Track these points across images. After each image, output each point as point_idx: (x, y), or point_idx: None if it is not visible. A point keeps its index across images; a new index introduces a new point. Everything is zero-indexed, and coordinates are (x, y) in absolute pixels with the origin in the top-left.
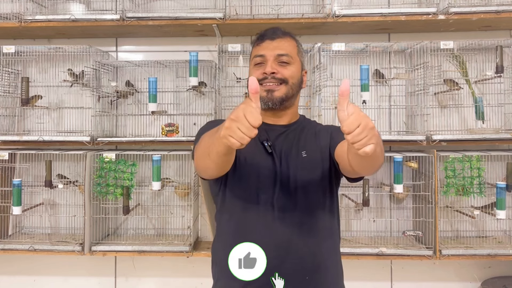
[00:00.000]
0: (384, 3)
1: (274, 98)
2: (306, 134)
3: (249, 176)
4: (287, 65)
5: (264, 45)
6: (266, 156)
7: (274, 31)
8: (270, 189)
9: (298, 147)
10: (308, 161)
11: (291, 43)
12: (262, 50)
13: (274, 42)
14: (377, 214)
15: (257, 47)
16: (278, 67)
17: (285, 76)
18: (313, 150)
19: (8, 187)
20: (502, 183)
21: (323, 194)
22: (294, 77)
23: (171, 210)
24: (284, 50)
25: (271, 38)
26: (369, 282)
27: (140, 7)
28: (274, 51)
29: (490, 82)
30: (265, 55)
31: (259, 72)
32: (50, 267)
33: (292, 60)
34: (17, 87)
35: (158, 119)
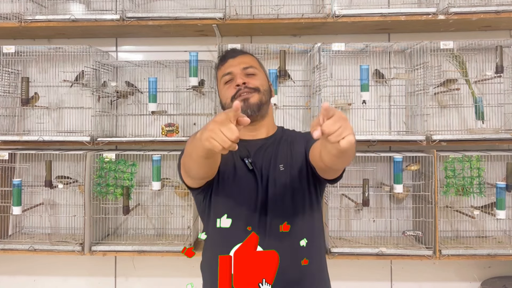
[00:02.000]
0: (384, 3)
1: (250, 104)
2: (283, 146)
3: (231, 194)
4: (254, 76)
5: (228, 63)
6: (247, 173)
7: (234, 50)
8: (253, 206)
9: (276, 161)
10: (285, 174)
11: (252, 58)
12: (228, 68)
13: (236, 59)
14: (377, 214)
15: (222, 68)
16: (247, 79)
17: (256, 85)
18: (289, 162)
19: (8, 187)
20: (502, 183)
21: (303, 205)
22: (264, 84)
23: (171, 210)
24: (247, 63)
25: (232, 56)
26: (369, 282)
27: (140, 7)
28: (239, 65)
29: (490, 82)
30: (232, 71)
31: (231, 88)
32: (50, 267)
33: (257, 71)
34: (17, 87)
35: (158, 119)
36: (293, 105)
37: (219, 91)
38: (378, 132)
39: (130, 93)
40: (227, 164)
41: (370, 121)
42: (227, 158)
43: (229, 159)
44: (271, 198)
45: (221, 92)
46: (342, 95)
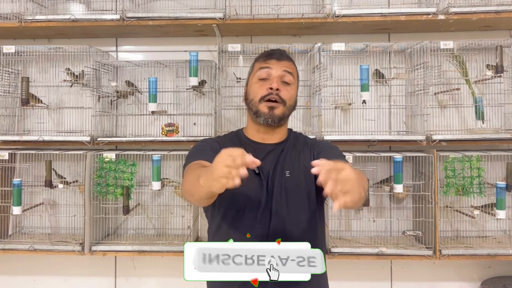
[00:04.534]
0: (384, 3)
1: (274, 115)
2: (291, 153)
3: (237, 196)
4: (289, 86)
5: (271, 62)
6: (253, 177)
7: (281, 53)
8: (257, 209)
9: (283, 167)
10: (291, 181)
11: (294, 67)
12: (269, 65)
13: (280, 63)
14: (377, 214)
15: (263, 62)
16: (282, 86)
17: (285, 98)
18: (296, 170)
19: (8, 187)
20: (502, 183)
21: (307, 212)
22: (291, 99)
23: (171, 210)
24: (289, 69)
25: (278, 58)
26: (369, 282)
27: (140, 7)
28: (281, 69)
29: (490, 82)
30: (272, 70)
31: (264, 88)
32: (50, 267)
33: (293, 81)
34: (17, 87)
35: (158, 119)
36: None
37: (250, 84)
38: (378, 132)
39: (130, 93)
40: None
41: (370, 121)
42: None
43: None
44: (275, 205)
45: (252, 86)
46: (342, 95)
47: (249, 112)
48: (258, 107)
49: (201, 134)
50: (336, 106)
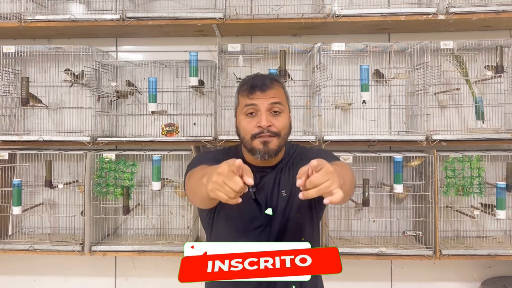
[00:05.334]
0: (384, 3)
1: (270, 150)
2: (287, 171)
3: (233, 220)
4: (279, 115)
5: (256, 95)
6: (250, 202)
7: (263, 81)
8: (253, 235)
9: (279, 187)
10: (287, 200)
11: (280, 91)
12: (254, 100)
13: (265, 94)
14: (377, 214)
15: (247, 97)
16: (272, 119)
17: (278, 129)
18: (291, 188)
19: (8, 187)
20: (502, 183)
21: (303, 229)
22: (285, 127)
23: (171, 210)
24: (276, 99)
25: (262, 90)
26: (369, 282)
27: (140, 7)
28: (267, 101)
29: (490, 82)
30: (258, 106)
31: (252, 125)
32: (50, 267)
33: (283, 108)
34: (17, 87)
35: (158, 119)
36: (293, 105)
37: (238, 120)
38: (378, 132)
39: (130, 93)
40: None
41: (370, 121)
42: None
43: None
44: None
45: (241, 123)
46: (342, 95)
47: (244, 147)
48: (252, 145)
49: (201, 134)
50: (336, 106)
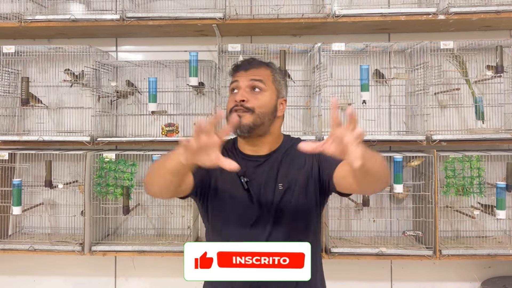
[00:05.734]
0: (384, 3)
1: (241, 125)
2: (284, 163)
3: (226, 211)
4: (258, 94)
5: (239, 74)
6: (242, 192)
7: (249, 62)
8: (247, 225)
9: (276, 179)
10: (284, 194)
11: (265, 72)
12: (236, 77)
13: (248, 72)
14: (377, 214)
15: (232, 77)
16: (250, 96)
17: (253, 106)
18: (290, 182)
19: (8, 187)
20: (502, 183)
21: (303, 224)
22: (263, 106)
23: (171, 210)
24: (257, 76)
25: (245, 68)
26: (369, 282)
27: (140, 7)
28: (248, 77)
29: (490, 82)
30: (238, 82)
31: (232, 100)
32: (50, 267)
33: (265, 88)
34: (17, 87)
35: (158, 119)
36: (293, 105)
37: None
38: (378, 132)
39: (130, 93)
40: (225, 179)
41: (370, 121)
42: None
43: (227, 174)
44: (266, 219)
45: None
46: (342, 95)
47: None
48: (227, 120)
49: None
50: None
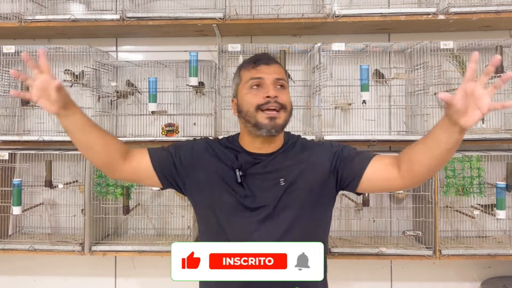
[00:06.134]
0: (384, 3)
1: (276, 125)
2: (288, 161)
3: (214, 204)
4: (284, 90)
5: (260, 68)
6: (234, 185)
7: (268, 57)
8: (236, 218)
9: (276, 175)
10: (285, 190)
11: (283, 70)
12: (259, 73)
13: (270, 67)
14: (377, 214)
15: (252, 70)
16: (278, 92)
17: (285, 102)
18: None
19: (8, 187)
20: (502, 183)
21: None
22: (290, 103)
23: (171, 210)
24: (280, 75)
25: (266, 63)
26: (369, 282)
27: (140, 7)
28: (272, 75)
29: (490, 82)
30: (263, 78)
31: (259, 96)
32: (50, 267)
33: (286, 85)
34: (17, 87)
35: (158, 119)
36: (293, 105)
37: (241, 94)
38: (378, 132)
39: (130, 93)
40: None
41: (370, 121)
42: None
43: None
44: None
45: (245, 96)
46: (342, 95)
47: (246, 125)
48: (256, 118)
49: (201, 134)
50: (336, 106)
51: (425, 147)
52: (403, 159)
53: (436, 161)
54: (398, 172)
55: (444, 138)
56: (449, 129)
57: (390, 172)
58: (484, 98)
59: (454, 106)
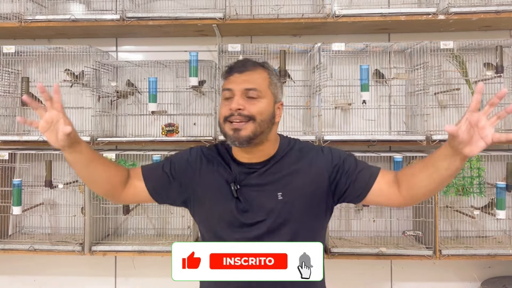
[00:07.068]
0: (384, 3)
1: (240, 137)
2: (283, 171)
3: (211, 218)
4: (255, 100)
5: (232, 78)
6: (230, 200)
7: (244, 63)
8: (234, 234)
9: (273, 188)
10: (285, 204)
11: (262, 75)
12: (230, 84)
13: (242, 76)
14: (377, 214)
15: (226, 81)
16: (246, 103)
17: (252, 113)
18: (292, 191)
19: (8, 187)
20: (502, 183)
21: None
22: (263, 113)
23: (171, 210)
24: (252, 84)
25: (239, 71)
26: (369, 282)
27: (140, 7)
28: (242, 85)
29: (490, 82)
30: (232, 89)
31: (226, 108)
32: (50, 267)
33: (262, 94)
34: (17, 87)
35: (158, 119)
36: (293, 105)
37: (220, 104)
38: (378, 132)
39: (130, 93)
40: (211, 185)
41: (370, 121)
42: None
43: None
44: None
45: (220, 107)
46: (342, 95)
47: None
48: (224, 129)
49: (201, 134)
50: (336, 106)
51: (425, 173)
52: (403, 180)
53: (436, 185)
54: (399, 192)
55: (445, 165)
56: (451, 158)
57: (392, 192)
58: (488, 128)
59: (460, 137)
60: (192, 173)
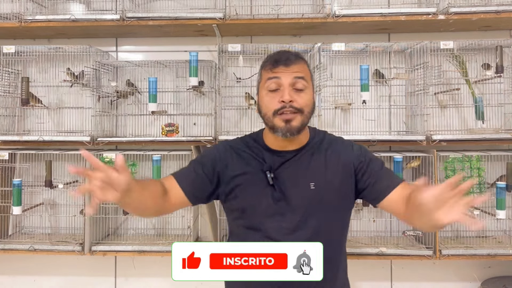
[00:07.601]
0: (384, 3)
1: (292, 128)
2: (315, 161)
3: (246, 208)
4: (302, 92)
5: (279, 69)
6: (265, 188)
7: (288, 56)
8: (267, 223)
9: (306, 178)
10: (315, 194)
11: (305, 67)
12: (277, 73)
13: (289, 68)
14: (377, 214)
15: (270, 71)
16: (294, 95)
17: (301, 106)
18: (323, 181)
19: (8, 187)
20: (502, 183)
21: (331, 229)
22: (309, 105)
23: None
24: (299, 74)
25: (285, 64)
26: (369, 282)
27: (140, 7)
28: (291, 75)
29: (490, 82)
30: (281, 80)
31: (275, 100)
32: (50, 267)
33: (307, 85)
34: (17, 87)
35: (158, 119)
36: None
37: (260, 95)
38: (378, 132)
39: (130, 93)
40: (246, 176)
41: (370, 121)
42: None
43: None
44: (291, 215)
45: (263, 99)
46: (342, 95)
47: (265, 125)
48: (273, 122)
49: (201, 134)
50: (336, 106)
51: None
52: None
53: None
54: (403, 212)
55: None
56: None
57: (401, 208)
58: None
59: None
60: (224, 168)
